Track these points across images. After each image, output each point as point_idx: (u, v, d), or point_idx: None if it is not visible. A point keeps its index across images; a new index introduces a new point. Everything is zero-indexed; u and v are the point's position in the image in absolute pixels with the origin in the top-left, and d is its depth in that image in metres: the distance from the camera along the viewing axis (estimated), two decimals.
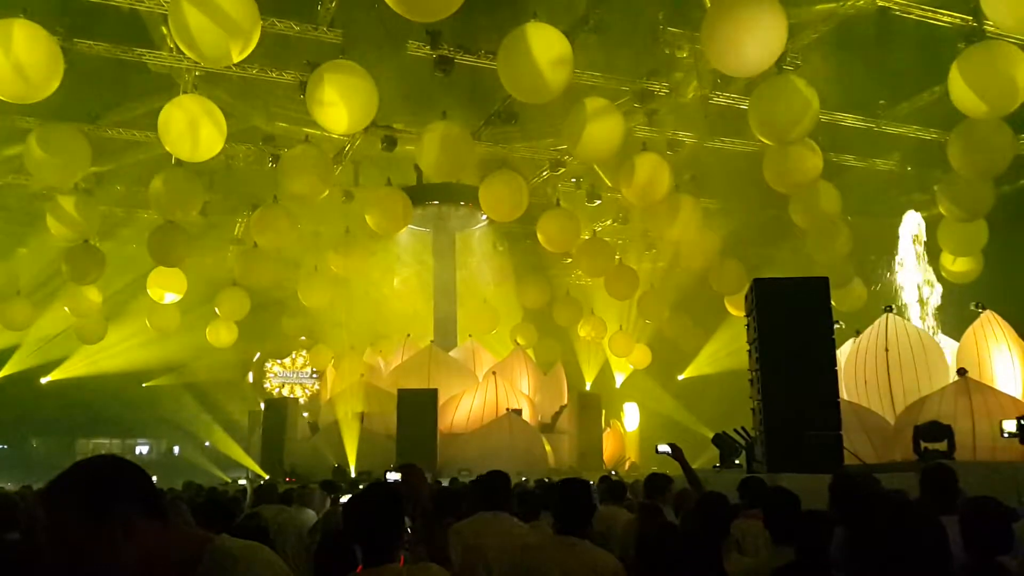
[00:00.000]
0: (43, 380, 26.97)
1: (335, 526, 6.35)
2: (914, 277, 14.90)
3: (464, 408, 20.35)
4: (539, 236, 18.35)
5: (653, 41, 14.01)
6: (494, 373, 20.71)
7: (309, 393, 28.46)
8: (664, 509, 5.84)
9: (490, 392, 20.28)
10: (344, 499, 9.05)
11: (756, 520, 4.60)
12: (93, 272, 18.34)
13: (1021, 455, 11.74)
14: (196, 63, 13.00)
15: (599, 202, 20.27)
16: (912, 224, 15.11)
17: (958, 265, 17.27)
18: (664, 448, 6.89)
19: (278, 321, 25.85)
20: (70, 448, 32.51)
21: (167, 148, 13.14)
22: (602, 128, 13.26)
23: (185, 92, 13.91)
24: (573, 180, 20.04)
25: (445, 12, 9.84)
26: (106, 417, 28.75)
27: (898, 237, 15.32)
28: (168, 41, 13.32)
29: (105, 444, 33.02)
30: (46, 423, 29.71)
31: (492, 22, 12.78)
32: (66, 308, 20.84)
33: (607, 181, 19.67)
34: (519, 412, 20.11)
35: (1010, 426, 6.81)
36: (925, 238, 15.12)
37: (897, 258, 15.05)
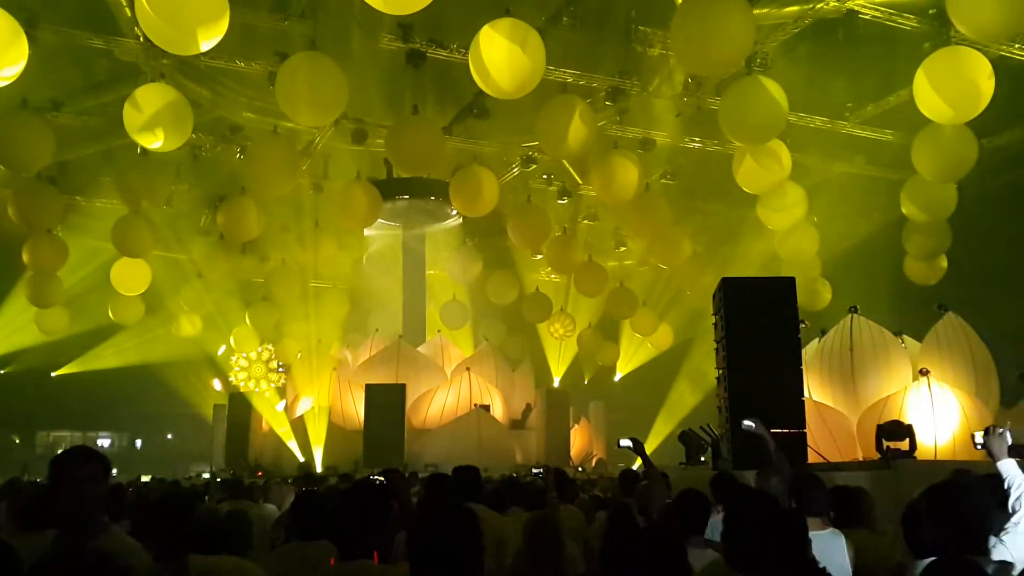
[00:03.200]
0: (0, 371, 26.49)
1: None
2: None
3: (438, 403, 20.32)
4: (509, 232, 18.36)
5: (625, 39, 14.04)
6: (468, 369, 20.68)
7: (274, 387, 28.20)
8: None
9: (464, 388, 20.26)
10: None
11: None
12: (55, 262, 18.02)
13: (982, 454, 11.95)
14: (163, 51, 12.79)
15: (569, 199, 20.31)
16: None
17: (921, 267, 17.52)
18: (626, 442, 6.93)
19: (244, 314, 25.58)
20: (30, 441, 32.00)
21: (133, 137, 12.93)
22: (573, 125, 13.26)
23: (152, 81, 13.70)
24: (544, 177, 20.05)
25: (418, 6, 9.77)
26: (67, 410, 28.29)
27: (864, 240, 15.52)
28: (135, 29, 13.09)
29: (66, 437, 32.52)
30: (4, 416, 29.16)
31: (465, 17, 12.72)
32: (26, 298, 20.45)
33: (577, 179, 19.72)
34: (487, 408, 20.11)
35: (979, 437, 6.96)
36: None
37: None
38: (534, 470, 11.89)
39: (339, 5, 12.80)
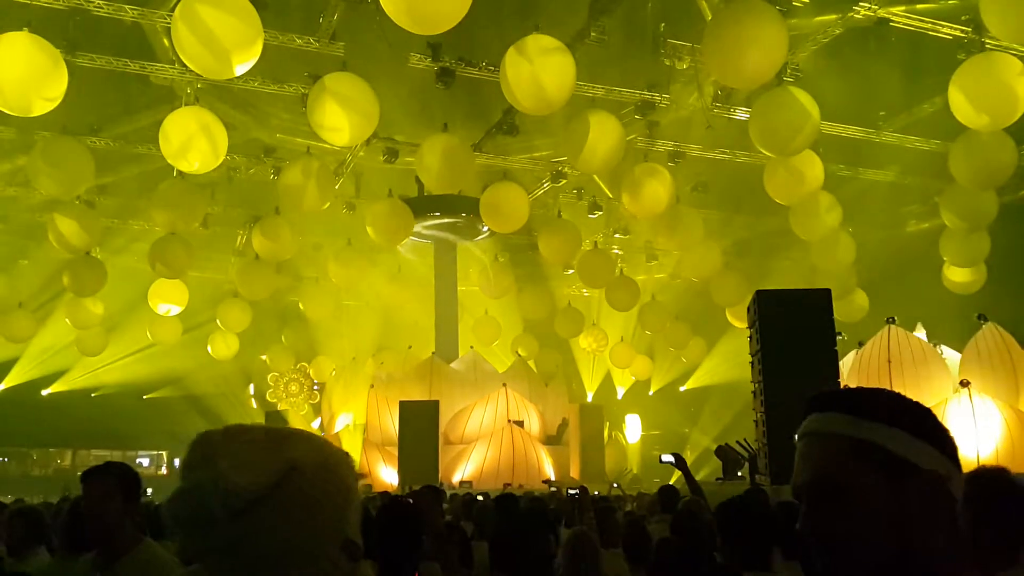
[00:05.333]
0: (44, 392, 26.97)
1: None
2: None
3: (475, 420, 20.34)
4: (540, 247, 18.38)
5: (654, 52, 14.04)
6: (504, 385, 20.69)
7: (310, 405, 28.41)
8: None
9: (501, 404, 20.26)
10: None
11: None
12: (94, 284, 18.34)
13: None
14: (198, 76, 13.03)
15: (600, 213, 20.30)
16: None
17: (960, 276, 17.26)
18: (668, 458, 6.89)
19: (279, 333, 25.85)
20: (72, 460, 32.45)
21: (169, 160, 13.16)
22: (603, 140, 13.28)
23: (187, 104, 13.95)
24: (574, 191, 20.07)
25: (447, 25, 9.86)
26: (106, 430, 28.69)
27: (899, 249, 15.34)
28: (170, 54, 13.35)
29: (105, 456, 32.95)
30: (46, 435, 29.63)
31: (494, 34, 12.82)
32: (67, 320, 20.84)
33: (608, 193, 19.70)
34: (521, 424, 20.08)
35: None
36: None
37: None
38: (570, 491, 11.78)
39: (369, 26, 12.94)
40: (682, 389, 28.25)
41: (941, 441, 1.30)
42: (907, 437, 1.28)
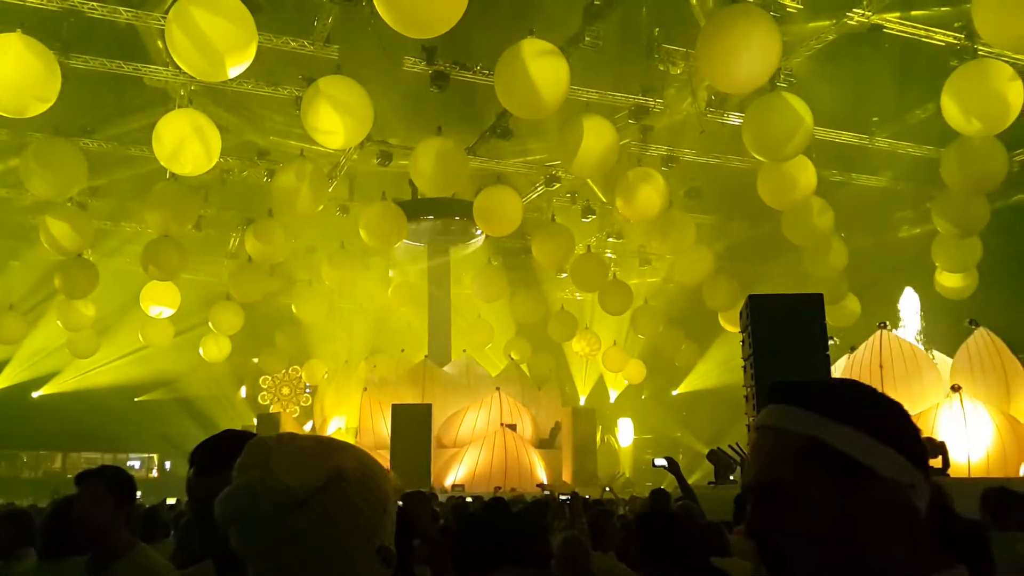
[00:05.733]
0: (34, 394, 26.85)
1: None
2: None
3: (468, 423, 20.33)
4: (534, 251, 18.40)
5: (648, 57, 14.08)
6: (498, 389, 20.68)
7: (301, 407, 28.37)
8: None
9: (495, 408, 20.25)
10: None
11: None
12: (86, 286, 18.28)
13: (1017, 471, 11.78)
14: (191, 78, 13.01)
15: (593, 217, 20.34)
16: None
17: (952, 281, 17.33)
18: (661, 462, 6.89)
19: (272, 336, 25.81)
20: (62, 463, 32.31)
21: (162, 162, 13.14)
22: (597, 144, 13.31)
23: (180, 106, 13.93)
24: (568, 195, 20.09)
25: (441, 29, 9.88)
26: (97, 432, 28.58)
27: (891, 255, 15.42)
28: (164, 56, 13.33)
29: (96, 459, 32.79)
30: (36, 438, 29.49)
31: (488, 38, 12.83)
32: (59, 322, 20.76)
33: (601, 197, 19.73)
34: (513, 427, 20.08)
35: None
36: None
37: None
38: (561, 496, 11.80)
39: (363, 29, 12.94)
40: (675, 393, 28.29)
41: (906, 445, 1.16)
42: (865, 439, 1.14)
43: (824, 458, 1.14)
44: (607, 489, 17.25)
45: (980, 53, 12.30)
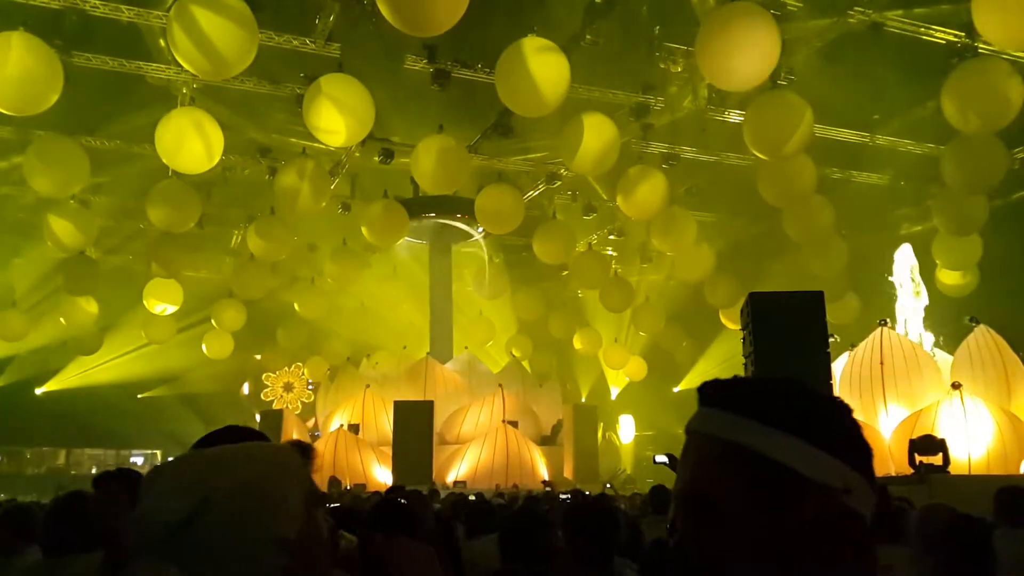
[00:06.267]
0: (38, 391, 26.93)
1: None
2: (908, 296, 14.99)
3: (471, 420, 20.36)
4: (535, 248, 18.43)
5: (649, 55, 14.10)
6: (500, 386, 20.71)
7: (303, 404, 28.42)
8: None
9: (497, 404, 20.28)
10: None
11: None
12: (89, 283, 18.32)
13: (1017, 468, 11.80)
14: (193, 76, 13.05)
15: (594, 215, 20.36)
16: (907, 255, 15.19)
17: (952, 279, 17.35)
18: (662, 458, 6.92)
19: (274, 333, 25.86)
20: (65, 459, 32.38)
21: (164, 160, 13.18)
22: (598, 142, 13.34)
23: (182, 104, 13.96)
24: (569, 193, 20.11)
25: (443, 27, 9.91)
26: (100, 429, 28.65)
27: (892, 254, 15.42)
28: (166, 54, 13.36)
29: (99, 455, 32.88)
30: (39, 434, 29.56)
31: (489, 36, 12.85)
32: (62, 319, 20.82)
33: (603, 194, 19.75)
34: (515, 424, 20.11)
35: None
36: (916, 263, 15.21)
37: (893, 278, 15.13)
38: (562, 495, 11.80)
39: (365, 27, 12.97)
40: (676, 390, 28.30)
41: (841, 447, 1.05)
42: (792, 442, 1.03)
43: (747, 465, 1.03)
44: (608, 486, 17.30)
45: (981, 51, 12.31)
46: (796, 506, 1.01)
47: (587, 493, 11.39)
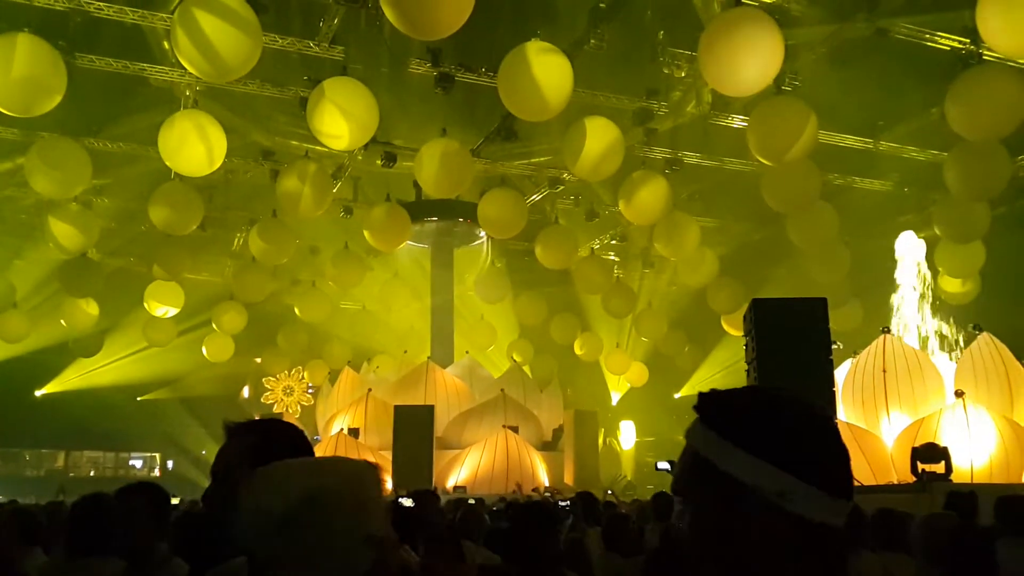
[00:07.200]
0: (37, 393, 26.90)
1: None
2: (911, 297, 14.93)
3: (471, 425, 20.30)
4: (537, 253, 18.40)
5: (652, 60, 14.08)
6: (503, 391, 20.66)
7: (302, 408, 28.40)
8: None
9: (497, 410, 20.22)
10: None
11: None
12: (90, 285, 18.30)
13: (1019, 477, 11.76)
14: (197, 78, 13.04)
15: (597, 219, 20.34)
16: (910, 245, 15.14)
17: (954, 286, 17.31)
18: (664, 465, 6.89)
19: (275, 336, 25.83)
20: (65, 461, 32.37)
21: (167, 162, 13.17)
22: (601, 146, 13.32)
23: (185, 107, 13.95)
24: (571, 198, 20.10)
25: (447, 31, 9.89)
26: (100, 431, 28.64)
27: (895, 258, 15.39)
28: (170, 56, 13.36)
29: (98, 457, 32.88)
30: (39, 436, 29.55)
31: (493, 40, 12.85)
32: (62, 321, 20.80)
33: (605, 199, 19.73)
34: (515, 429, 20.06)
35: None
36: (922, 261, 15.17)
37: (896, 276, 15.10)
38: (560, 502, 11.76)
39: (369, 30, 12.97)
40: (677, 396, 28.26)
41: (780, 454, 1.13)
42: (737, 452, 1.14)
43: (706, 474, 1.16)
44: (609, 492, 17.27)
45: (985, 58, 12.29)
46: (741, 513, 1.12)
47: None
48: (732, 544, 1.13)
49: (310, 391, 27.85)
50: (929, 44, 13.12)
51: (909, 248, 15.24)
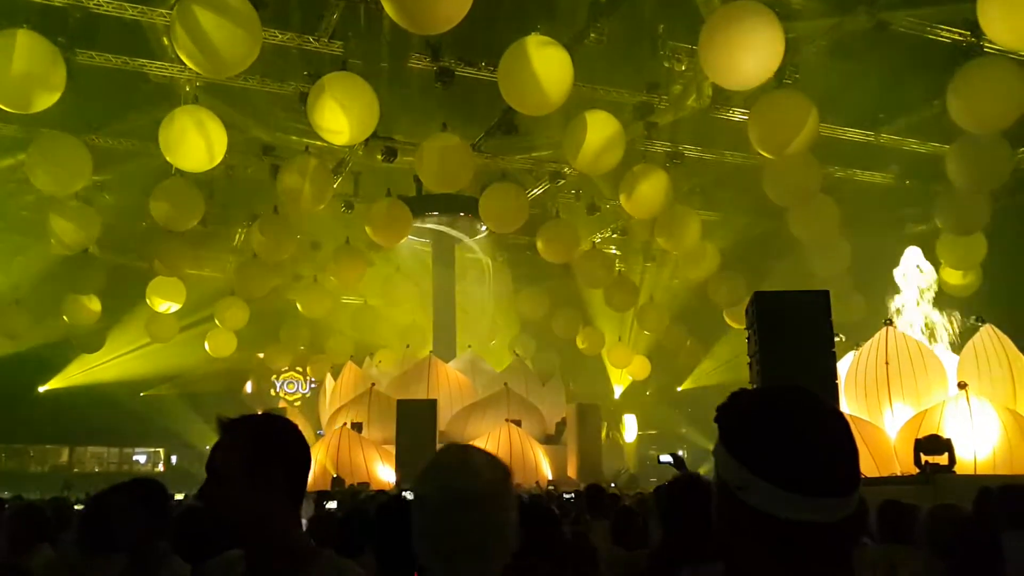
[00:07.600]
0: (41, 389, 26.95)
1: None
2: (913, 294, 14.91)
3: (474, 419, 20.32)
4: (539, 247, 18.39)
5: (653, 54, 14.06)
6: (505, 384, 20.67)
7: (306, 403, 28.43)
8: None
9: (500, 403, 20.23)
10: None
11: None
12: (92, 281, 18.30)
13: (1022, 468, 11.75)
14: (197, 74, 13.02)
15: (598, 213, 20.32)
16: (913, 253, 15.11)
17: (956, 278, 17.28)
18: (667, 458, 6.86)
19: (277, 331, 25.86)
20: (69, 457, 32.45)
21: (167, 158, 13.15)
22: (602, 140, 13.29)
23: (185, 102, 13.94)
24: (573, 192, 20.07)
25: (447, 25, 9.87)
26: (103, 426, 28.70)
27: (896, 251, 15.36)
28: (169, 52, 13.34)
29: (102, 453, 32.96)
30: (43, 432, 29.61)
31: (493, 34, 12.83)
32: (65, 317, 20.81)
33: (606, 193, 19.71)
34: (518, 423, 20.08)
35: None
36: (923, 267, 15.13)
37: (897, 271, 15.06)
38: (565, 495, 11.78)
39: (369, 25, 12.95)
40: (679, 389, 28.28)
41: (744, 450, 1.24)
42: (719, 446, 1.29)
43: (713, 465, 1.31)
44: (612, 485, 17.26)
45: (986, 50, 12.26)
46: (732, 505, 1.24)
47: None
48: (725, 533, 1.27)
49: (313, 386, 27.88)
50: (930, 36, 13.09)
51: (913, 254, 15.18)
